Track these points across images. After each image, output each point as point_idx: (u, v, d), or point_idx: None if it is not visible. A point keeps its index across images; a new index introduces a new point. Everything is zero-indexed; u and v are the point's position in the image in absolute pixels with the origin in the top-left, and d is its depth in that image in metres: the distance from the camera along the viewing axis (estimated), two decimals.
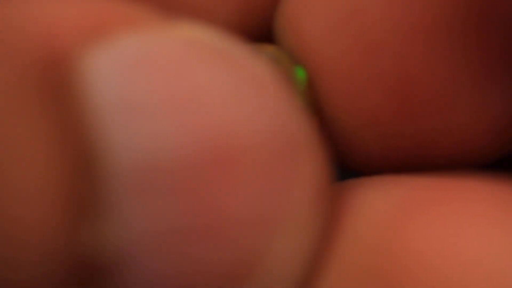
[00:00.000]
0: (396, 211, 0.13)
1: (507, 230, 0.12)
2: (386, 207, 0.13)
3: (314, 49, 0.15)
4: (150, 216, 0.11)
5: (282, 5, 0.16)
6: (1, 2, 0.12)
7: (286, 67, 0.15)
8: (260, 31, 0.17)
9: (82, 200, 0.11)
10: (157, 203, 0.11)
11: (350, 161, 0.16)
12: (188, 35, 0.12)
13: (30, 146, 0.11)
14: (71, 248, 0.11)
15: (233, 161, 0.12)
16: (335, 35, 0.15)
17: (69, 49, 0.11)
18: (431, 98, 0.14)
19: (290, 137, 0.12)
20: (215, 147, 0.12)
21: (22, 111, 0.11)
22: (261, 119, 0.12)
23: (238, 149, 0.12)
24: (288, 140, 0.12)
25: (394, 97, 0.14)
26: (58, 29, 0.11)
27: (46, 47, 0.11)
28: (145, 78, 0.11)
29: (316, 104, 0.15)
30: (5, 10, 0.12)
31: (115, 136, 0.11)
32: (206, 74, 0.12)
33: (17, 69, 0.11)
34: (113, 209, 0.11)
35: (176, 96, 0.12)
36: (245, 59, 0.13)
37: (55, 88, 0.11)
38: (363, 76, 0.14)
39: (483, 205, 0.13)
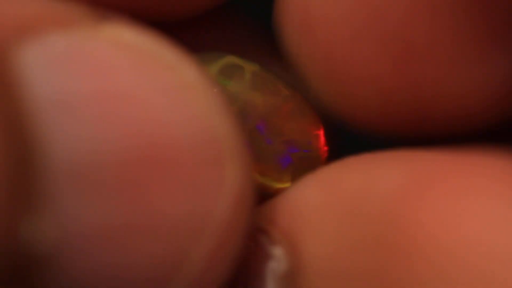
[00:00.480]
0: (408, 184, 0.13)
1: None
2: (398, 179, 0.13)
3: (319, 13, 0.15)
4: (84, 212, 0.11)
5: None
6: None
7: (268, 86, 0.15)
8: None
9: (21, 194, 0.11)
10: (90, 199, 0.12)
11: (352, 120, 0.16)
12: (119, 36, 0.13)
13: None
14: (8, 240, 0.11)
15: (160, 160, 0.12)
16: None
17: (2, 45, 0.12)
18: (432, 60, 0.14)
19: (216, 141, 0.13)
20: (140, 146, 0.12)
21: None
22: (187, 122, 0.12)
23: (163, 148, 0.12)
24: (214, 145, 0.13)
25: (396, 58, 0.14)
26: None
27: None
28: (73, 76, 0.12)
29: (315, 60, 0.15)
30: None
31: (49, 132, 0.11)
32: (133, 75, 0.12)
33: None
34: (49, 204, 0.11)
35: (103, 95, 0.12)
36: (175, 63, 0.13)
37: None
38: (366, 39, 0.14)
39: (493, 181, 0.12)
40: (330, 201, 0.14)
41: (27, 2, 0.13)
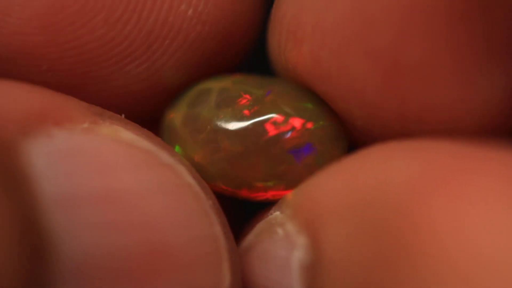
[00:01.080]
0: (423, 178, 0.12)
1: None
2: (414, 172, 0.13)
3: (310, 18, 0.15)
4: None
5: None
6: None
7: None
8: None
9: (32, 279, 0.12)
10: None
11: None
12: (118, 133, 0.13)
13: None
14: None
15: (159, 263, 0.13)
16: (332, 2, 0.14)
17: (10, 141, 0.12)
18: (422, 78, 0.14)
19: (214, 241, 0.13)
20: (143, 251, 0.12)
21: None
22: (186, 224, 0.13)
23: (163, 253, 0.13)
24: (212, 245, 0.13)
25: (385, 73, 0.14)
26: (2, 120, 0.12)
27: None
28: (77, 174, 0.13)
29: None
30: None
31: (57, 229, 0.12)
32: (133, 173, 0.13)
33: None
34: None
35: (105, 195, 0.12)
36: (171, 161, 0.14)
37: (5, 170, 0.12)
38: (355, 51, 0.14)
39: (509, 184, 0.12)
40: (348, 191, 0.13)
41: (32, 97, 0.13)
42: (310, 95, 0.15)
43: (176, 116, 0.16)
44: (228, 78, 0.16)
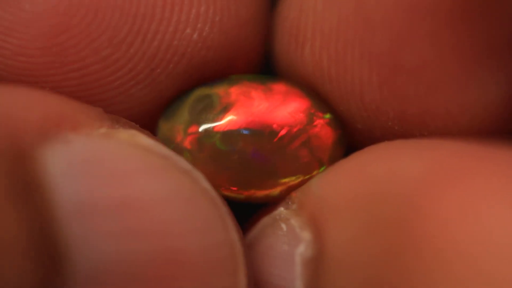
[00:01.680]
0: (431, 176, 0.12)
1: None
2: (422, 169, 0.13)
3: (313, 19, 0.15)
4: None
5: None
6: None
7: None
8: None
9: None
10: None
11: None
12: (134, 138, 0.13)
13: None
14: None
15: (177, 263, 0.13)
16: (332, 5, 0.14)
17: (27, 149, 0.12)
18: (421, 81, 0.14)
19: (230, 248, 0.13)
20: (160, 259, 0.12)
21: None
22: (204, 231, 0.13)
23: (180, 262, 0.13)
24: (228, 251, 0.13)
25: (384, 76, 0.14)
26: (19, 127, 0.12)
27: (10, 143, 0.12)
28: (94, 181, 0.12)
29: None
30: None
31: (74, 238, 0.12)
32: (151, 179, 0.13)
33: None
34: None
35: (123, 203, 0.12)
36: (189, 167, 0.13)
37: (21, 178, 0.12)
38: (354, 54, 0.14)
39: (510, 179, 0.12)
40: (355, 187, 0.14)
41: (49, 102, 0.13)
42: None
43: (178, 127, 0.15)
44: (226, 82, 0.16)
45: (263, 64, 0.17)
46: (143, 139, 0.13)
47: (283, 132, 0.15)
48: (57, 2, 0.14)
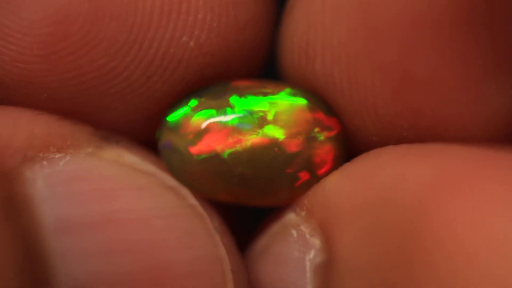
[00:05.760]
0: (439, 182, 0.12)
1: None
2: (430, 175, 0.13)
3: (319, 27, 0.15)
4: None
5: None
6: None
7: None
8: None
9: None
10: None
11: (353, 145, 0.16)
12: (121, 156, 0.14)
13: None
14: None
15: (162, 278, 0.13)
16: (339, 18, 0.14)
17: (13, 168, 0.13)
18: (433, 90, 0.14)
19: (218, 263, 0.13)
20: (145, 278, 0.13)
21: None
22: (191, 247, 0.13)
23: (166, 268, 0.13)
24: (216, 266, 0.13)
25: (395, 86, 0.14)
26: (4, 146, 0.13)
27: None
28: (79, 199, 0.13)
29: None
30: None
31: (59, 255, 0.12)
32: (136, 196, 0.13)
33: None
34: None
35: (108, 220, 0.13)
36: (175, 183, 0.14)
37: (6, 197, 0.12)
38: (364, 66, 0.14)
39: None
40: (363, 192, 0.14)
41: (36, 123, 0.14)
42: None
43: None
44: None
45: (263, 66, 0.17)
46: (128, 157, 0.14)
47: (284, 152, 0.15)
48: (55, 11, 0.14)
